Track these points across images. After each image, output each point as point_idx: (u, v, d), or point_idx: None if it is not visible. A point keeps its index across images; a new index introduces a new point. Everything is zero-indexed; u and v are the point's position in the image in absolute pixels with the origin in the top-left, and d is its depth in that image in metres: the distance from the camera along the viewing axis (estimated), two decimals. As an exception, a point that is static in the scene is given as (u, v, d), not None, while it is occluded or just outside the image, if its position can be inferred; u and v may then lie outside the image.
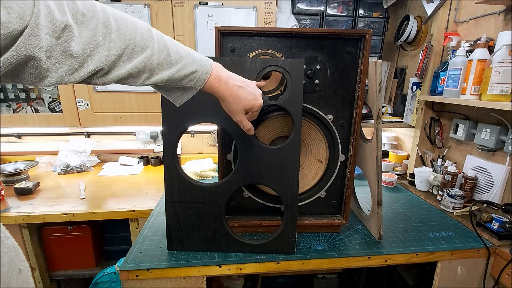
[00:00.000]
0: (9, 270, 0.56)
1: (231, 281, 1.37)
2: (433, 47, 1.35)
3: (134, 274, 0.83)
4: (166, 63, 0.53)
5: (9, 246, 0.58)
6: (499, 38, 1.00)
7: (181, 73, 0.55)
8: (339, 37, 0.86)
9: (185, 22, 1.52)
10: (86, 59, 0.43)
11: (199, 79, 0.58)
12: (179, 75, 0.55)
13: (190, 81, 0.57)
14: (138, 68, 0.50)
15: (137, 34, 0.49)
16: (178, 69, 0.54)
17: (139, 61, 0.49)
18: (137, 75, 0.51)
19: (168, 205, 0.87)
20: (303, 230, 1.03)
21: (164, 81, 0.54)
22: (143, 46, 0.50)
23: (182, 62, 0.55)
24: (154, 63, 0.51)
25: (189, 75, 0.56)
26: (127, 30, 0.48)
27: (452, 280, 1.00)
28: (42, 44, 0.37)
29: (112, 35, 0.46)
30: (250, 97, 0.66)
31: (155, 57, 0.51)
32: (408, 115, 1.59)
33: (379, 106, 0.91)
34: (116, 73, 0.48)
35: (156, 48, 0.52)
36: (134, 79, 0.51)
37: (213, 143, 1.95)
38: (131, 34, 0.48)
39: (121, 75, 0.48)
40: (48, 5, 0.36)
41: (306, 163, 0.97)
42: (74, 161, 1.73)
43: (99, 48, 0.44)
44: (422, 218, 1.15)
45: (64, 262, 1.39)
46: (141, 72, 0.51)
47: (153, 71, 0.52)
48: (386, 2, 1.60)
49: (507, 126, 1.08)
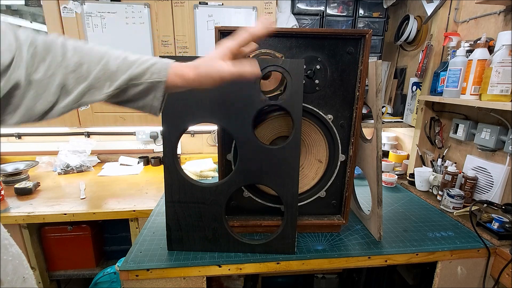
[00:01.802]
0: (13, 279, 0.56)
1: (231, 281, 1.37)
2: (433, 47, 1.35)
3: (134, 274, 0.83)
4: (125, 65, 0.53)
5: (13, 254, 0.58)
6: (499, 38, 1.00)
7: (141, 67, 0.54)
8: (339, 37, 0.86)
9: (185, 22, 1.52)
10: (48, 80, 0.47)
11: (161, 69, 0.56)
12: (140, 70, 0.54)
13: (153, 73, 0.55)
14: (98, 76, 0.51)
15: (92, 50, 0.52)
16: (137, 65, 0.54)
17: (97, 70, 0.51)
18: (99, 85, 0.51)
19: (168, 205, 0.86)
20: (303, 230, 1.03)
21: (126, 81, 0.53)
22: (100, 57, 0.52)
23: (140, 59, 0.55)
24: (112, 68, 0.52)
25: (149, 67, 0.55)
26: (83, 49, 0.51)
27: (452, 280, 1.00)
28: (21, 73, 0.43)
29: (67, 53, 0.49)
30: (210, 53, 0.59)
31: (112, 63, 0.52)
32: (408, 115, 1.59)
33: (379, 106, 0.91)
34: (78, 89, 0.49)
35: (112, 56, 0.53)
36: (97, 90, 0.51)
37: (213, 143, 1.95)
38: (87, 51, 0.51)
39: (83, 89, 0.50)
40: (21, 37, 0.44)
41: (306, 163, 0.97)
42: (74, 161, 1.73)
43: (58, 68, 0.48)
44: (422, 218, 1.15)
45: (64, 262, 1.39)
46: (102, 80, 0.51)
47: (112, 77, 0.52)
48: (386, 2, 1.60)
49: (507, 126, 1.08)
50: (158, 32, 1.52)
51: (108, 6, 1.47)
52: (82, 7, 1.45)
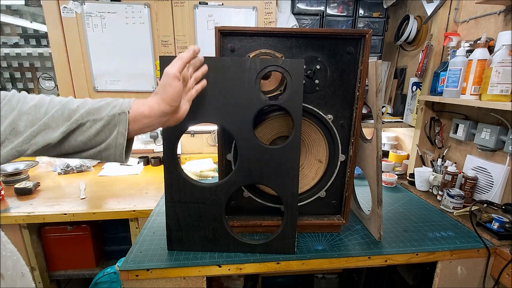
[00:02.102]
0: (13, 273, 0.57)
1: (231, 281, 1.37)
2: (433, 47, 1.35)
3: (134, 274, 0.83)
4: (86, 103, 0.52)
5: (11, 250, 0.59)
6: (499, 38, 1.00)
7: (101, 103, 0.52)
8: (339, 37, 0.86)
9: (185, 22, 1.52)
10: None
11: (124, 102, 0.53)
12: (100, 105, 0.52)
13: (114, 107, 0.52)
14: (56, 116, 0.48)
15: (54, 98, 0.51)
16: (98, 101, 0.52)
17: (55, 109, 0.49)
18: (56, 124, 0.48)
19: (168, 205, 0.86)
20: (303, 230, 1.03)
21: (84, 115, 0.50)
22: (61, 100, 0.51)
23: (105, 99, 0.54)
24: (73, 107, 0.50)
25: (110, 102, 0.53)
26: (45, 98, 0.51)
27: (452, 280, 1.00)
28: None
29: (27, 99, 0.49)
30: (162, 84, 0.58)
31: (73, 103, 0.51)
32: (408, 115, 1.59)
33: (379, 106, 0.91)
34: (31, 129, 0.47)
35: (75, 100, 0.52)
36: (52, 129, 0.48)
37: (213, 143, 1.95)
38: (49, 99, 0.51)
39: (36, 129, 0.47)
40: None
41: (306, 163, 0.97)
42: (74, 161, 1.73)
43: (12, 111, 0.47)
44: (422, 218, 1.15)
45: (64, 262, 1.39)
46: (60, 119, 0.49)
47: (72, 112, 0.50)
48: (386, 2, 1.60)
49: (507, 126, 1.08)
50: (158, 32, 1.52)
51: (108, 6, 1.47)
52: (82, 7, 1.45)
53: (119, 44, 1.53)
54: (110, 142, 0.52)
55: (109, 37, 1.51)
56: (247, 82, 0.78)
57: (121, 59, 1.56)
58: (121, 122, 0.52)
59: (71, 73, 1.57)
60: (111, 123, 0.51)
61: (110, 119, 0.51)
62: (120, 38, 1.52)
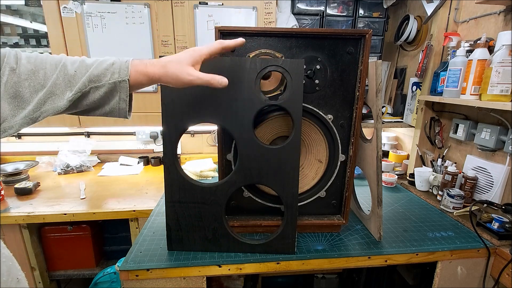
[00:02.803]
0: (7, 279, 0.57)
1: (231, 281, 1.37)
2: (433, 47, 1.35)
3: (134, 274, 0.83)
4: (82, 67, 0.53)
5: (6, 256, 0.59)
6: (499, 38, 1.00)
7: (99, 68, 0.53)
8: (339, 37, 0.86)
9: (185, 22, 1.52)
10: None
11: (122, 68, 0.55)
12: (99, 70, 0.53)
13: (113, 73, 0.54)
14: (57, 82, 0.50)
15: (47, 57, 0.51)
16: (96, 67, 0.54)
17: (55, 75, 0.50)
18: (60, 91, 0.50)
19: (168, 205, 0.86)
20: (303, 230, 1.03)
21: (86, 84, 0.52)
22: (56, 63, 0.51)
23: (98, 61, 0.55)
24: (70, 72, 0.51)
25: (108, 67, 0.54)
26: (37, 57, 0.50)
27: (452, 280, 1.00)
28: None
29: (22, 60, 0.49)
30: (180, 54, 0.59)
31: (70, 67, 0.52)
32: (408, 115, 1.59)
33: (379, 106, 0.91)
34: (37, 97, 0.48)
35: (68, 61, 0.52)
36: (58, 96, 0.50)
37: (213, 143, 1.95)
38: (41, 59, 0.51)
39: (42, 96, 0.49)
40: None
41: (306, 163, 0.97)
42: (74, 161, 1.73)
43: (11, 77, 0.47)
44: (422, 218, 1.15)
45: (64, 262, 1.39)
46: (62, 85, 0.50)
47: (72, 79, 0.51)
48: (386, 2, 1.60)
49: (507, 126, 1.08)
50: (158, 32, 1.52)
51: (108, 6, 1.47)
52: (82, 7, 1.45)
53: (119, 44, 1.53)
54: (114, 106, 0.56)
55: (109, 37, 1.51)
56: (247, 82, 0.78)
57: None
58: (121, 89, 0.55)
59: (71, 73, 1.57)
60: (112, 90, 0.55)
61: (111, 87, 0.54)
62: (120, 38, 1.52)
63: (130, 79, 0.55)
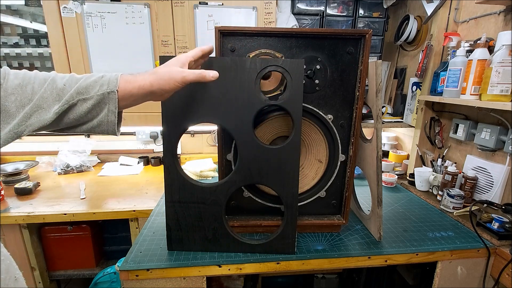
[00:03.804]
0: (6, 277, 0.57)
1: (231, 281, 1.37)
2: (433, 47, 1.35)
3: (134, 274, 0.83)
4: (72, 81, 0.53)
5: (4, 254, 0.59)
6: (499, 38, 1.00)
7: (88, 80, 0.53)
8: (339, 37, 0.86)
9: (185, 22, 1.51)
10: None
11: (111, 80, 0.54)
12: (87, 83, 0.53)
13: (102, 85, 0.53)
14: (45, 96, 0.50)
15: (37, 73, 0.51)
16: (85, 79, 0.53)
17: (43, 89, 0.50)
18: (47, 105, 0.50)
19: (168, 205, 0.86)
20: (303, 230, 1.03)
21: (73, 97, 0.51)
22: (45, 77, 0.51)
23: (87, 75, 0.55)
24: (59, 86, 0.51)
25: (97, 80, 0.54)
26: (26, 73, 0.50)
27: (452, 280, 1.00)
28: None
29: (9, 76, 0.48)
30: (168, 62, 0.60)
31: (59, 81, 0.52)
32: (408, 115, 1.59)
33: (379, 106, 0.91)
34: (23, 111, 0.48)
35: (58, 76, 0.53)
36: (45, 110, 0.50)
37: (213, 143, 1.95)
38: (30, 75, 0.51)
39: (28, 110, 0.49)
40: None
41: (306, 163, 0.97)
42: (74, 161, 1.73)
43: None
44: (422, 218, 1.15)
45: (64, 262, 1.39)
46: (50, 99, 0.50)
47: (61, 92, 0.51)
48: (386, 2, 1.60)
49: (507, 126, 1.08)
50: (158, 32, 1.52)
51: (108, 6, 1.47)
52: (82, 7, 1.45)
53: (119, 44, 1.53)
54: (102, 119, 0.55)
55: (109, 37, 1.51)
56: (247, 82, 0.78)
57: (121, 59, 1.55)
58: (110, 100, 0.54)
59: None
60: (101, 101, 0.54)
61: (100, 98, 0.53)
62: (120, 38, 1.52)
63: (119, 89, 0.54)
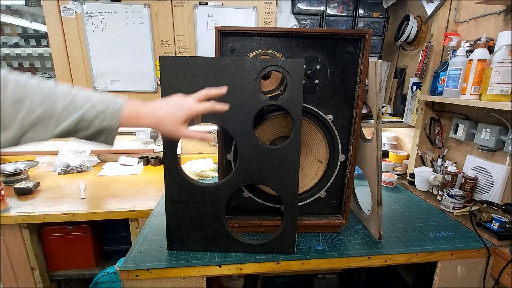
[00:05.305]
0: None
1: (231, 281, 1.37)
2: (433, 47, 1.35)
3: (134, 274, 0.83)
4: (72, 107, 0.52)
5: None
6: (499, 38, 1.00)
7: (90, 113, 0.53)
8: (339, 37, 0.86)
9: (185, 22, 1.52)
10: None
11: (113, 117, 0.56)
12: (89, 117, 0.53)
13: (103, 120, 0.55)
14: (43, 117, 0.49)
15: (38, 86, 0.50)
16: (87, 109, 0.53)
17: (42, 109, 0.49)
18: (44, 125, 0.50)
19: (168, 205, 0.86)
20: (303, 230, 1.03)
21: (73, 126, 0.52)
22: (44, 95, 0.50)
23: (90, 102, 0.54)
24: (58, 109, 0.51)
25: (99, 114, 0.54)
26: (27, 83, 0.49)
27: (452, 280, 1.00)
28: None
29: (8, 86, 0.47)
30: (174, 110, 0.63)
31: (59, 103, 0.51)
32: (408, 115, 1.59)
33: (379, 106, 0.91)
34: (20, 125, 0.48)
35: (60, 95, 0.52)
36: (42, 129, 0.50)
37: (213, 143, 1.95)
38: (31, 86, 0.49)
39: (26, 125, 0.48)
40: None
41: (306, 163, 0.97)
42: (74, 161, 1.73)
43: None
44: (422, 218, 1.15)
45: (64, 262, 1.39)
46: (46, 120, 0.50)
47: (59, 117, 0.51)
48: (386, 2, 1.60)
49: (507, 126, 1.08)
50: (158, 32, 1.52)
51: (108, 6, 1.47)
52: (82, 7, 1.45)
53: (119, 44, 1.53)
54: (99, 141, 0.58)
55: (109, 37, 1.51)
56: (247, 82, 0.78)
57: (121, 59, 1.56)
58: (110, 134, 0.57)
59: (71, 73, 1.57)
60: (100, 133, 0.56)
61: (99, 131, 0.56)
62: (120, 38, 1.52)
63: (120, 124, 0.57)
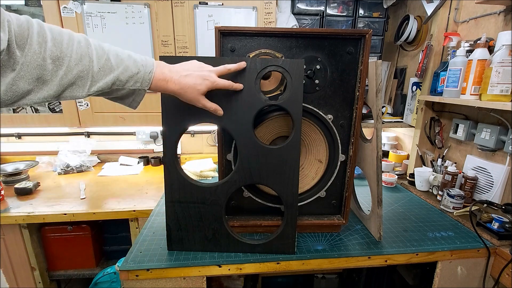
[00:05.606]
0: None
1: (231, 281, 1.37)
2: (433, 47, 1.35)
3: (134, 274, 0.83)
4: (107, 67, 0.55)
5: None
6: (499, 38, 1.00)
7: (124, 75, 0.57)
8: (339, 37, 0.86)
9: (185, 22, 1.51)
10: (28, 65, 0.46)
11: (144, 80, 0.60)
12: (123, 78, 0.57)
13: (136, 82, 0.59)
14: (80, 76, 0.52)
15: (74, 42, 0.51)
16: (121, 72, 0.56)
17: (79, 69, 0.51)
18: (81, 83, 0.52)
19: (168, 205, 0.87)
20: (303, 230, 1.03)
21: (109, 86, 0.56)
22: (81, 54, 0.51)
23: (123, 65, 0.57)
24: (95, 69, 0.53)
25: (132, 76, 0.58)
26: (62, 39, 0.50)
27: (452, 280, 1.00)
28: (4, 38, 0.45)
29: (47, 43, 0.48)
30: (199, 80, 0.67)
31: (95, 63, 0.53)
32: (408, 115, 1.59)
33: (379, 106, 0.91)
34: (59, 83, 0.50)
35: (95, 55, 0.53)
36: (79, 87, 0.52)
37: (213, 143, 1.95)
38: (66, 43, 0.50)
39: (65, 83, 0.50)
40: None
41: (306, 163, 0.97)
42: (74, 161, 1.73)
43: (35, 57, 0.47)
44: (422, 218, 1.15)
45: (64, 262, 1.39)
46: (84, 79, 0.52)
47: (95, 77, 0.54)
48: (386, 2, 1.60)
49: (507, 126, 1.08)
50: (158, 32, 1.52)
51: (108, 6, 1.47)
52: (82, 7, 1.45)
53: (119, 44, 1.52)
54: (126, 102, 0.64)
55: (109, 37, 1.51)
56: (247, 82, 0.78)
57: (121, 59, 1.55)
58: (139, 94, 0.63)
59: (71, 73, 1.57)
60: (131, 93, 0.62)
61: (131, 91, 0.61)
62: (120, 38, 1.52)
63: (150, 87, 0.62)
